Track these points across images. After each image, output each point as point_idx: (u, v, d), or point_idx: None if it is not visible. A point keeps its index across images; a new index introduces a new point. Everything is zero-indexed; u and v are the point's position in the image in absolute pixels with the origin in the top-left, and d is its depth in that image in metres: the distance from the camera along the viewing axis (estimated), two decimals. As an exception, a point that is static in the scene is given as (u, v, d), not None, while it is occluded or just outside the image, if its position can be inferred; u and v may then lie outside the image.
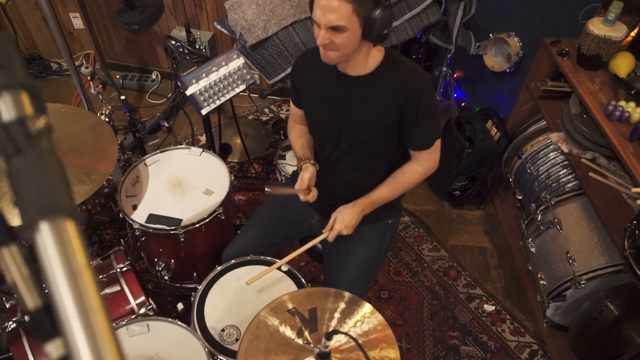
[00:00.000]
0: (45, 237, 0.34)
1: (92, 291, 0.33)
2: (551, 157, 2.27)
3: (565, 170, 2.18)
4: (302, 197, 1.59)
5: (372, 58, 1.45)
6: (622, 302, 1.84)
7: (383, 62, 1.46)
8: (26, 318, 1.47)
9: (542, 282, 2.08)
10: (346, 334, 1.17)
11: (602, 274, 1.85)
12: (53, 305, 0.33)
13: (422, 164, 1.57)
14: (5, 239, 0.36)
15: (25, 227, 0.34)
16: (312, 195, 1.59)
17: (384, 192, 1.60)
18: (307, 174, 1.58)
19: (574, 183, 2.12)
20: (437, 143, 1.54)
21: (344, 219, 1.55)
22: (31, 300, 0.35)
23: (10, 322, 1.56)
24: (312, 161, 1.63)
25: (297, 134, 1.75)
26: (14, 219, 1.39)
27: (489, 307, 2.38)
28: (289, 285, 1.65)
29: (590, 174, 1.93)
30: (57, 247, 0.34)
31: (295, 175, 1.77)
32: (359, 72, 1.46)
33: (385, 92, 1.45)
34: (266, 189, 1.57)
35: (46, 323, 0.34)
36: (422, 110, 1.44)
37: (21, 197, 0.35)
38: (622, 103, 1.83)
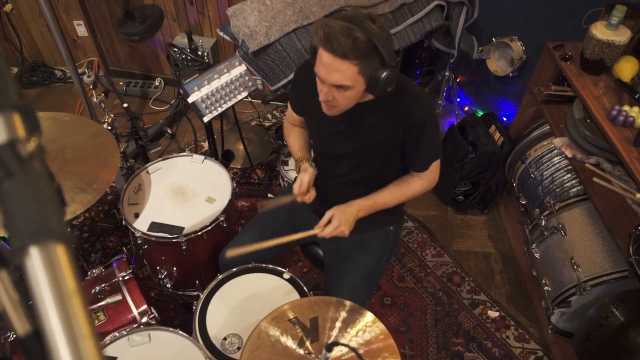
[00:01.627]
0: (35, 261, 0.34)
1: (82, 317, 0.33)
2: (555, 162, 2.25)
3: (569, 175, 2.17)
4: (299, 198, 1.58)
5: None
6: (627, 308, 1.82)
7: None
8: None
9: (546, 288, 2.06)
10: (347, 345, 1.16)
11: (607, 280, 1.83)
12: (42, 331, 0.33)
13: (424, 178, 1.57)
14: (-5, 263, 0.35)
15: (14, 251, 0.34)
16: (310, 197, 1.58)
17: (384, 197, 1.59)
18: (307, 176, 1.57)
19: (578, 188, 2.10)
20: (438, 161, 1.55)
21: (340, 218, 1.51)
22: (21, 326, 0.35)
23: (13, 332, 1.56)
24: (311, 162, 1.63)
25: (296, 136, 1.75)
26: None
27: (493, 313, 2.36)
28: (291, 294, 1.64)
29: (595, 179, 1.92)
30: (47, 271, 0.33)
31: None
32: (362, 99, 1.44)
33: (388, 118, 1.44)
34: (259, 205, 1.57)
35: (36, 349, 0.34)
36: (425, 135, 1.44)
37: (11, 221, 0.35)
38: (626, 107, 1.81)
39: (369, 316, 1.35)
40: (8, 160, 0.35)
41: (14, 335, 1.54)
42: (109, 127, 2.01)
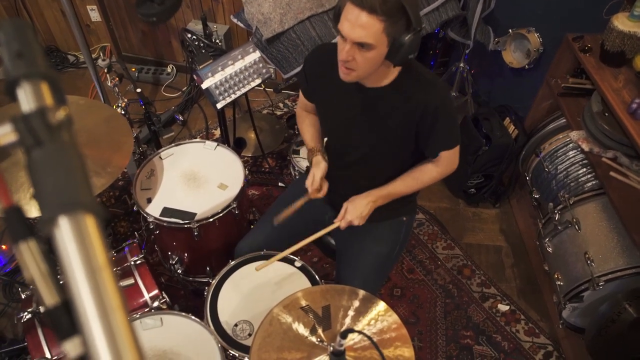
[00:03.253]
0: (64, 232, 0.33)
1: (113, 289, 0.32)
2: (570, 156, 2.22)
3: (584, 169, 2.14)
4: (312, 195, 1.58)
5: (391, 71, 1.41)
6: (641, 304, 1.81)
7: (402, 73, 1.42)
8: (41, 309, 1.48)
9: (558, 282, 2.04)
10: (362, 333, 1.16)
11: (621, 276, 1.81)
12: (72, 302, 0.32)
13: (440, 165, 1.54)
14: (24, 234, 0.35)
15: (44, 222, 0.33)
16: (323, 192, 1.59)
17: (399, 186, 1.58)
18: (319, 171, 1.57)
19: (594, 182, 2.07)
20: (457, 147, 1.51)
21: (356, 208, 1.53)
22: (50, 297, 0.34)
23: (26, 313, 1.57)
24: (323, 154, 1.62)
25: (309, 123, 1.73)
26: (33, 210, 1.40)
27: (503, 307, 2.35)
28: (303, 282, 1.64)
29: (612, 173, 1.89)
30: (77, 243, 0.33)
31: (308, 170, 1.76)
32: (376, 84, 1.42)
33: (403, 105, 1.41)
34: (275, 220, 1.58)
35: (64, 321, 0.33)
36: (440, 122, 1.41)
37: (40, 191, 0.34)
38: (646, 101, 1.78)
39: (381, 305, 1.34)
40: (38, 128, 0.35)
41: (27, 317, 1.56)
42: (123, 112, 2.00)
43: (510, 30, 2.58)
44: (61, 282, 0.34)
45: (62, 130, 0.36)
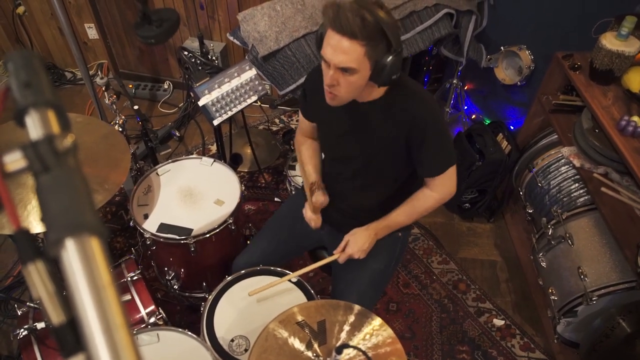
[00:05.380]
0: (70, 253, 0.35)
1: (116, 307, 0.34)
2: (562, 171, 2.25)
3: (576, 185, 2.17)
4: (312, 225, 1.66)
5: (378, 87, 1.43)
6: (634, 319, 1.82)
7: (391, 88, 1.44)
8: (38, 326, 1.48)
9: (552, 297, 2.06)
10: (357, 348, 1.17)
11: (614, 291, 1.83)
12: (77, 320, 0.34)
13: (436, 190, 1.55)
14: (32, 255, 0.37)
15: (51, 243, 0.35)
16: (317, 223, 1.65)
17: (400, 216, 1.60)
18: (318, 208, 1.63)
19: (586, 198, 2.10)
20: (452, 170, 1.51)
21: (357, 242, 1.56)
22: (56, 316, 0.36)
23: (22, 330, 1.57)
24: (323, 190, 1.66)
25: (309, 154, 1.75)
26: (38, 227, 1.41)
27: (498, 322, 2.36)
28: (298, 297, 1.65)
29: (603, 189, 1.92)
30: (82, 263, 0.34)
31: (303, 187, 1.79)
32: (366, 99, 1.45)
33: (392, 119, 1.44)
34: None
35: (70, 338, 0.35)
36: (429, 138, 1.42)
37: (48, 214, 0.36)
38: (635, 118, 1.82)
39: (376, 320, 1.35)
40: (45, 155, 0.37)
41: (23, 333, 1.56)
42: (120, 129, 2.03)
43: (502, 47, 2.63)
44: (67, 301, 0.36)
45: (68, 156, 0.38)
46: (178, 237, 1.82)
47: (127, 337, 0.33)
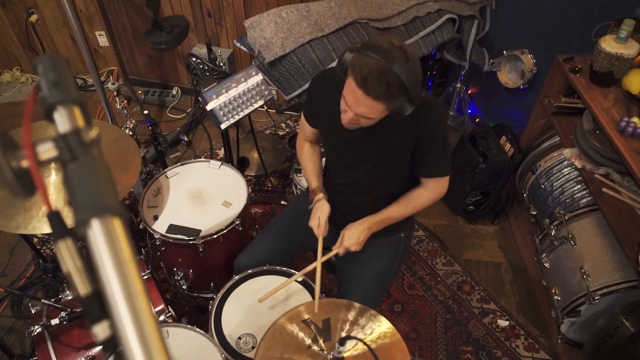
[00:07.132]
0: (96, 232, 0.39)
1: (136, 278, 0.38)
2: (565, 173, 2.28)
3: (579, 186, 2.19)
4: (319, 234, 1.67)
5: None
6: (637, 318, 1.83)
7: None
8: (52, 322, 1.53)
9: (556, 297, 2.08)
10: (358, 339, 1.21)
11: (616, 290, 1.85)
12: (102, 291, 0.38)
13: (431, 190, 1.61)
14: (62, 233, 0.41)
15: (78, 224, 0.39)
16: (324, 231, 1.66)
17: (394, 212, 1.64)
18: (324, 215, 1.65)
19: (588, 199, 2.12)
20: (447, 177, 1.59)
21: (353, 235, 1.60)
22: (83, 287, 0.40)
23: (36, 327, 1.62)
24: (325, 194, 1.69)
25: (308, 157, 1.79)
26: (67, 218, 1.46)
27: (502, 323, 2.38)
28: (304, 296, 1.69)
29: (604, 189, 1.95)
30: (107, 241, 0.39)
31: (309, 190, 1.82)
32: None
33: (401, 126, 1.47)
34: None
35: (95, 307, 0.39)
36: (436, 142, 1.49)
37: (75, 198, 0.40)
38: (635, 119, 1.84)
39: (380, 319, 1.39)
40: (74, 145, 0.41)
41: (37, 330, 1.60)
42: (131, 133, 2.08)
43: (504, 51, 2.66)
44: (92, 274, 0.40)
45: (93, 147, 0.43)
46: (187, 238, 1.87)
47: (146, 304, 0.37)
